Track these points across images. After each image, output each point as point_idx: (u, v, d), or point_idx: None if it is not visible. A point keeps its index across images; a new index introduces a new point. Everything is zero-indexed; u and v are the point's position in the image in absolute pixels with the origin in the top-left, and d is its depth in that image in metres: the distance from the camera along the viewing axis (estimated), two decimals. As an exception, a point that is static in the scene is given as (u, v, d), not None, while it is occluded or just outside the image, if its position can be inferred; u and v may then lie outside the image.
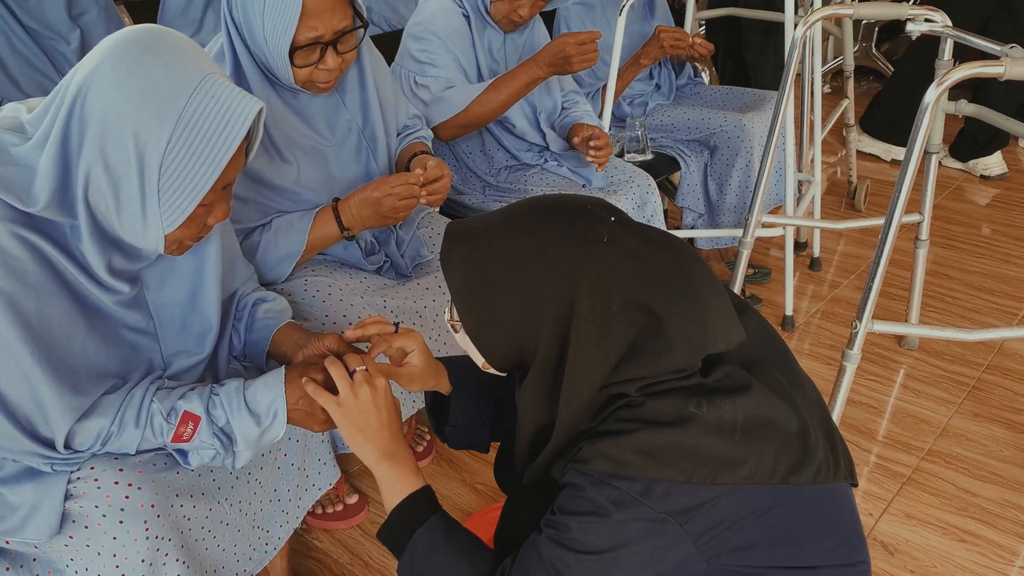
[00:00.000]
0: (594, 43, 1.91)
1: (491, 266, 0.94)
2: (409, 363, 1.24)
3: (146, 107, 1.01)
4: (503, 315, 0.94)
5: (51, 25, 2.05)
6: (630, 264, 0.92)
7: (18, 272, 1.05)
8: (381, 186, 1.54)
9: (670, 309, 0.91)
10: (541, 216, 0.95)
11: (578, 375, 0.92)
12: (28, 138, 1.08)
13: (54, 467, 1.15)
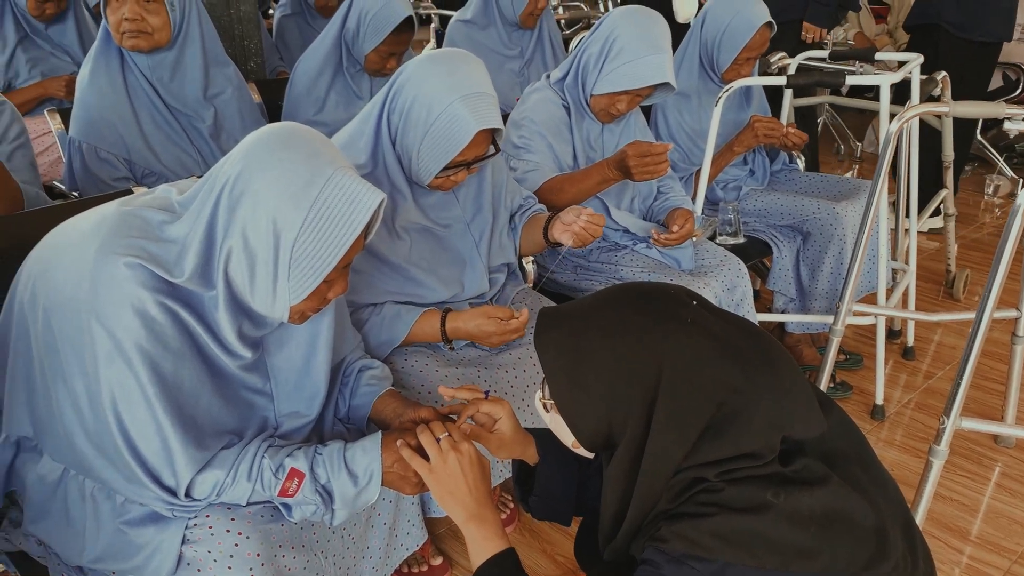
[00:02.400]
0: (661, 155, 1.97)
1: (582, 348, 1.00)
2: (498, 430, 1.32)
3: (284, 195, 1.15)
4: (594, 395, 0.99)
5: (189, 104, 2.26)
6: (713, 345, 0.96)
7: (160, 336, 1.18)
8: (495, 325, 1.66)
9: (750, 391, 0.95)
10: (628, 300, 1.02)
11: (658, 451, 0.96)
12: (178, 217, 1.23)
13: (175, 513, 1.26)
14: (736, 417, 0.95)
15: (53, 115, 2.45)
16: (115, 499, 1.27)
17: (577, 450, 1.09)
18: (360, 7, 2.46)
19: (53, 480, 1.30)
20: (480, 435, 1.32)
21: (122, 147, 2.19)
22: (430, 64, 1.60)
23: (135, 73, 2.18)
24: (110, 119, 2.17)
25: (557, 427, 1.09)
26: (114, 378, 1.17)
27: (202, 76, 2.23)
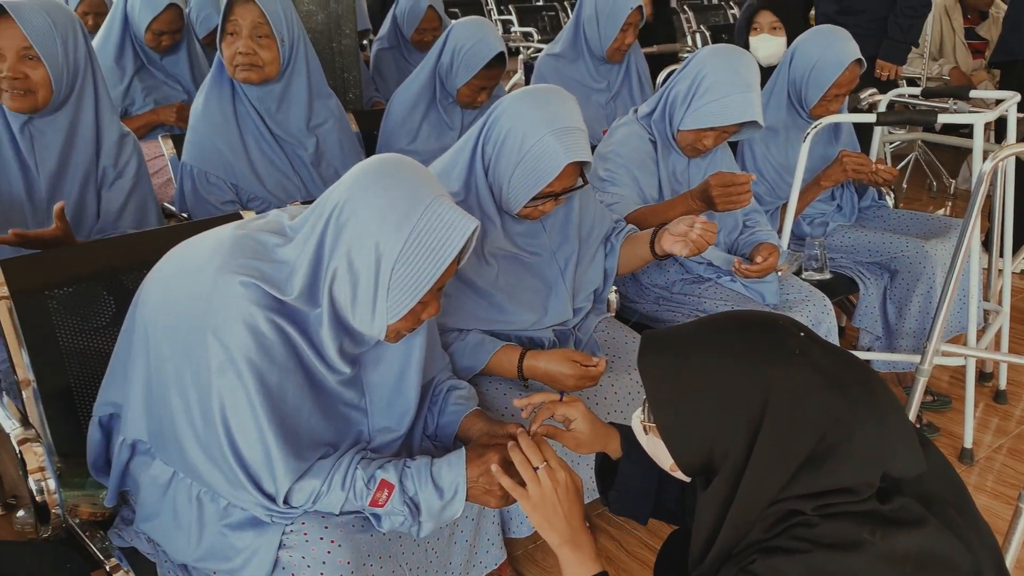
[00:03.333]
0: (744, 185, 1.99)
1: (686, 372, 1.01)
2: (575, 428, 1.37)
3: (387, 221, 1.23)
4: (696, 419, 1.00)
5: (293, 133, 2.39)
6: (818, 377, 0.96)
7: (268, 351, 1.27)
8: (572, 368, 1.66)
9: (852, 424, 0.95)
10: (734, 327, 1.03)
11: (758, 480, 0.96)
12: (289, 240, 1.32)
13: (273, 519, 1.34)
14: (836, 450, 0.95)
15: (166, 140, 2.63)
16: (219, 503, 1.36)
17: (674, 473, 1.10)
18: (454, 43, 2.56)
19: (163, 482, 1.39)
20: (557, 434, 1.38)
21: (230, 172, 2.32)
22: (525, 99, 1.68)
23: (245, 103, 2.31)
24: (220, 146, 2.31)
25: (655, 450, 1.11)
26: (225, 388, 1.26)
27: (306, 107, 2.36)
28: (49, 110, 1.89)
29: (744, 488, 0.97)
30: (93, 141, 1.97)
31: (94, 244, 1.85)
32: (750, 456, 0.97)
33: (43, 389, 1.58)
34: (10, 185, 1.91)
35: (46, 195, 1.94)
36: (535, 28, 6.82)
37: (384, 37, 3.87)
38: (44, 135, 1.91)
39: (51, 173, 1.93)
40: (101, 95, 1.98)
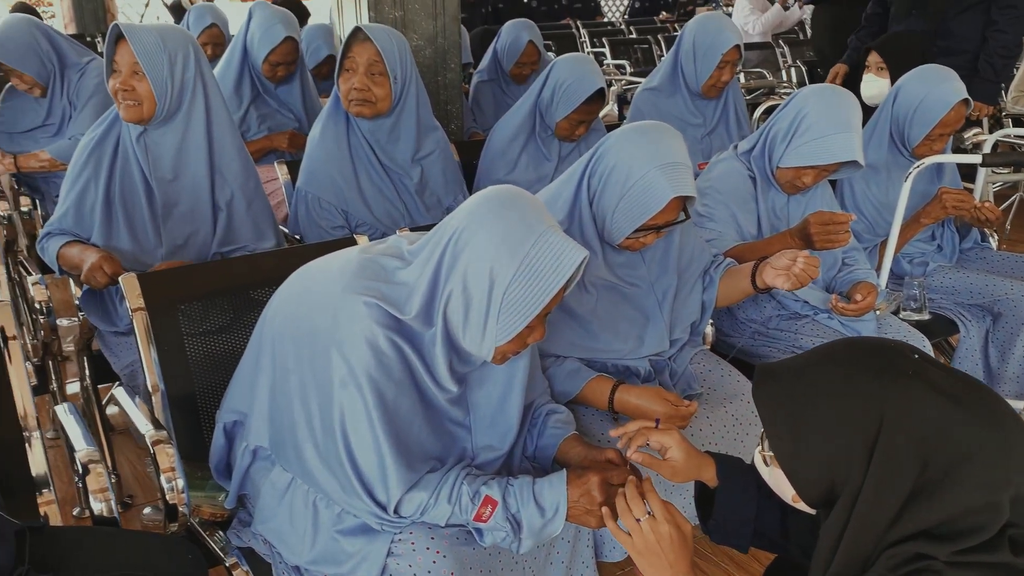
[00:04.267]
0: (843, 225, 1.99)
1: (801, 399, 1.03)
2: (671, 457, 1.40)
3: (501, 248, 1.30)
4: (815, 446, 1.01)
5: (400, 164, 2.50)
6: (934, 394, 0.97)
7: (386, 367, 1.35)
8: (663, 406, 1.68)
9: (971, 440, 0.94)
10: (847, 352, 1.05)
11: (873, 498, 0.96)
12: (408, 263, 1.40)
13: (383, 527, 1.41)
14: (955, 468, 0.94)
15: (281, 166, 2.78)
16: (333, 509, 1.44)
17: (797, 505, 1.11)
18: (556, 78, 2.64)
19: (282, 488, 1.48)
20: (653, 463, 1.41)
21: (341, 199, 2.45)
22: (633, 134, 1.74)
23: (357, 135, 2.44)
24: (333, 174, 2.44)
25: (778, 482, 1.13)
26: (345, 400, 1.34)
27: (414, 140, 2.47)
28: (159, 122, 2.07)
29: (859, 509, 0.97)
30: (205, 155, 2.13)
31: (221, 263, 1.99)
32: (866, 476, 0.97)
33: (170, 394, 1.70)
34: (134, 189, 2.11)
35: (161, 201, 2.12)
36: (628, 61, 6.90)
37: (484, 70, 4.00)
38: (158, 146, 2.10)
39: (165, 181, 2.11)
40: (214, 113, 2.13)
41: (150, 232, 2.11)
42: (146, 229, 2.11)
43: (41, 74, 3.12)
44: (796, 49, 6.53)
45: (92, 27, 8.31)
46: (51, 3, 8.70)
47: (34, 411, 1.57)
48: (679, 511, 1.28)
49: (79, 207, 2.12)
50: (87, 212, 2.11)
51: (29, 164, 3.13)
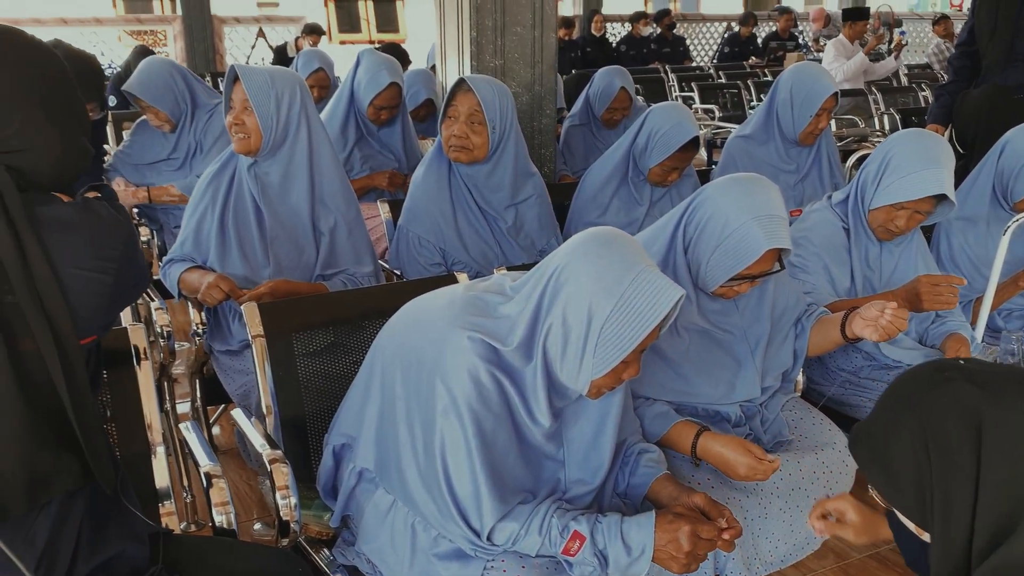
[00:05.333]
0: (951, 287, 2.00)
1: (877, 440, 1.10)
2: (850, 520, 1.44)
3: (600, 284, 1.37)
4: (899, 481, 1.07)
5: (496, 207, 2.60)
6: (969, 385, 1.03)
7: (486, 399, 1.43)
8: (747, 458, 1.68)
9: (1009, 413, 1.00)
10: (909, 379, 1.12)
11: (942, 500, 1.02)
12: (509, 299, 1.49)
13: (476, 553, 1.48)
14: (996, 442, 0.99)
15: (383, 204, 2.92)
16: (431, 532, 1.51)
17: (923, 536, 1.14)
18: (651, 125, 2.72)
19: (384, 509, 1.57)
20: (835, 529, 1.45)
21: (440, 237, 2.56)
22: (731, 185, 1.79)
23: (457, 178, 2.56)
24: (433, 213, 2.56)
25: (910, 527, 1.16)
26: (447, 428, 1.43)
27: (511, 186, 2.58)
28: (266, 154, 2.24)
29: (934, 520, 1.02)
30: (308, 185, 2.29)
31: (332, 296, 2.12)
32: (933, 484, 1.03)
33: (282, 417, 1.81)
34: (246, 215, 2.29)
35: (269, 227, 2.29)
36: (716, 105, 6.94)
37: (576, 114, 4.11)
38: (267, 175, 2.28)
39: (272, 207, 2.28)
40: (316, 146, 2.30)
41: (259, 254, 2.29)
42: (255, 251, 2.28)
43: (175, 112, 3.36)
44: (889, 96, 6.46)
45: (202, 66, 8.81)
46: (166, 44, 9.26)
47: (160, 427, 1.69)
48: None
49: (197, 233, 2.30)
50: (204, 237, 2.30)
51: (161, 197, 3.37)
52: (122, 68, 6.61)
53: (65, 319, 1.19)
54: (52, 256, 1.19)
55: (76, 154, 1.29)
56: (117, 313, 1.37)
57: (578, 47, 10.05)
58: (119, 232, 1.29)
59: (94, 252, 1.25)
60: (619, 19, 11.50)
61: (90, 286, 1.23)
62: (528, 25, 3.08)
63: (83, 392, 1.21)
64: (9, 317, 1.17)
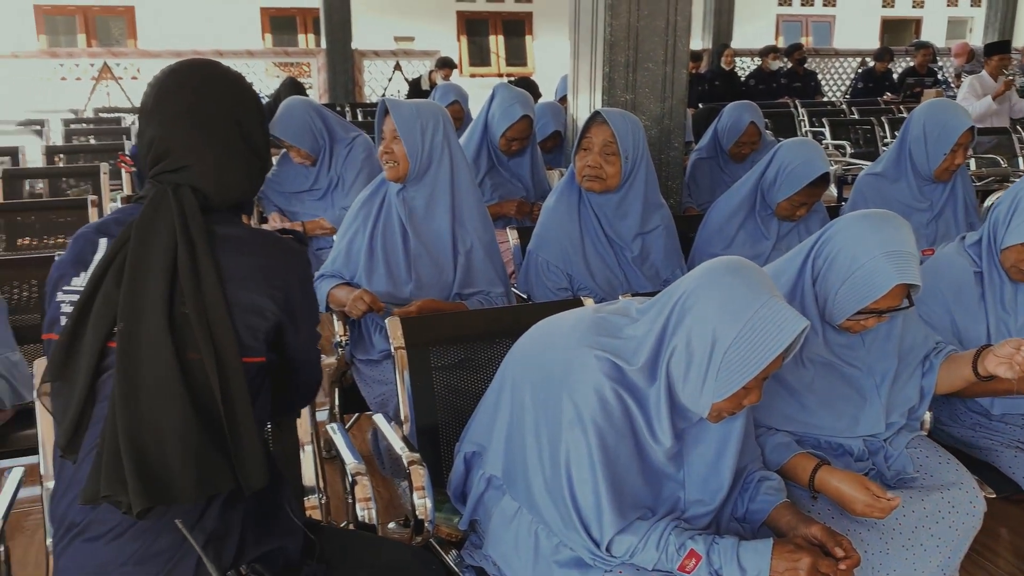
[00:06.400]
0: None
1: None
2: None
3: (726, 310, 1.44)
4: None
5: (623, 236, 2.68)
6: None
7: (610, 416, 1.51)
8: (865, 495, 1.67)
9: None
10: None
11: None
12: (635, 321, 1.57)
13: (595, 562, 1.55)
14: None
15: (512, 231, 3.05)
16: (552, 540, 1.59)
17: None
18: (781, 160, 2.74)
19: (509, 515, 1.66)
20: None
21: (567, 263, 2.66)
22: (862, 221, 1.82)
23: (587, 207, 2.67)
24: (562, 240, 2.67)
25: None
26: (571, 441, 1.51)
27: (639, 216, 2.66)
28: (412, 180, 2.42)
29: None
30: (449, 209, 2.46)
31: (468, 314, 2.26)
32: None
33: (417, 424, 1.94)
34: (393, 236, 2.48)
35: (413, 247, 2.46)
36: (848, 141, 6.80)
37: (703, 148, 4.14)
38: (413, 199, 2.46)
39: (417, 231, 2.45)
40: (457, 173, 2.46)
41: (403, 272, 2.46)
42: (400, 269, 2.46)
43: (314, 148, 3.62)
44: (1035, 135, 6.18)
45: (341, 97, 9.30)
46: (309, 75, 9.82)
47: (309, 428, 1.85)
48: None
49: (348, 251, 2.51)
50: (354, 254, 2.50)
51: (315, 231, 3.63)
52: (272, 98, 7.07)
53: (227, 336, 1.30)
54: (223, 275, 1.32)
55: (253, 178, 1.45)
56: (292, 342, 1.44)
57: (706, 80, 10.04)
58: (295, 263, 1.42)
59: (265, 277, 1.37)
60: (749, 53, 11.43)
61: (255, 308, 1.35)
62: (660, 61, 3.17)
63: (238, 405, 1.29)
64: (182, 327, 1.28)
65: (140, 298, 1.29)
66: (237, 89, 1.43)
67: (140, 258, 1.31)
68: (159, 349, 1.26)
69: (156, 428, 1.25)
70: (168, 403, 1.25)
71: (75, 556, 1.32)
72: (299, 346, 1.46)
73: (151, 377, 1.26)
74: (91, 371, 1.29)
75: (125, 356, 1.27)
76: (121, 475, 1.23)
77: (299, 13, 15.32)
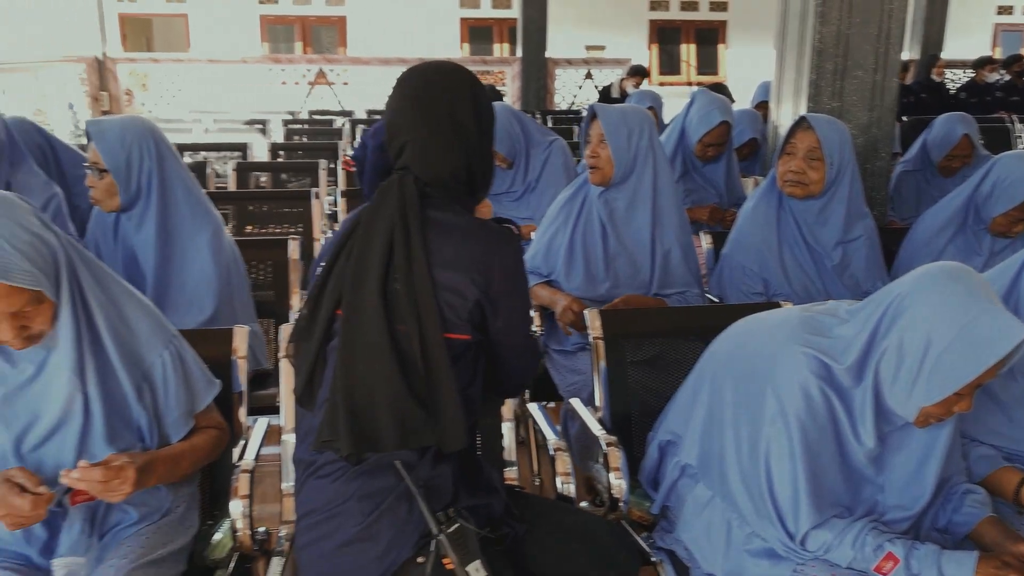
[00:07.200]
0: None
1: None
2: None
3: (942, 315, 1.43)
4: None
5: (824, 244, 2.65)
6: None
7: (814, 412, 1.54)
8: None
9: None
10: None
11: None
12: (845, 321, 1.58)
13: (788, 554, 1.58)
14: None
15: (706, 235, 3.08)
16: (744, 530, 1.64)
17: None
18: (999, 173, 2.63)
19: (702, 503, 1.72)
20: None
21: (764, 268, 2.67)
22: None
23: (787, 213, 2.66)
24: (759, 245, 2.68)
25: None
26: (772, 434, 1.55)
27: (842, 224, 2.62)
28: (616, 183, 2.52)
29: None
30: (650, 211, 2.54)
31: (663, 311, 2.33)
32: None
33: (612, 412, 2.03)
34: (592, 235, 2.58)
35: (612, 247, 2.56)
36: (1072, 160, 6.27)
37: (910, 160, 3.98)
38: (615, 201, 2.56)
39: (617, 231, 2.55)
40: (660, 177, 2.54)
41: (600, 270, 2.57)
42: (598, 267, 2.57)
43: (510, 152, 3.79)
44: None
45: (533, 104, 9.57)
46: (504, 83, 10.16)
47: (513, 407, 1.98)
48: None
49: (548, 249, 2.64)
50: (554, 252, 2.63)
51: (528, 235, 3.81)
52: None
53: (430, 312, 1.45)
54: (432, 257, 1.47)
55: (460, 162, 1.57)
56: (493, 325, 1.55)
57: (912, 92, 9.52)
58: (501, 250, 1.54)
59: (468, 260, 1.50)
60: (961, 65, 10.73)
61: (456, 288, 1.49)
62: (870, 69, 3.10)
63: (439, 373, 1.44)
64: (394, 301, 1.45)
65: (361, 274, 1.47)
66: (455, 83, 1.58)
67: (365, 240, 1.50)
68: (373, 319, 1.44)
69: (368, 387, 1.44)
70: (378, 366, 1.43)
71: (310, 492, 1.54)
72: (500, 330, 1.58)
73: (366, 343, 1.44)
74: (323, 334, 1.51)
75: (347, 323, 1.47)
76: (337, 425, 1.43)
77: (496, 23, 15.87)
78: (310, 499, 1.54)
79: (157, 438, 1.62)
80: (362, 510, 1.47)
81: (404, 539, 1.45)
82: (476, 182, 1.61)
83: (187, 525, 1.68)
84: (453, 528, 1.40)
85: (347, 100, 9.62)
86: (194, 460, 1.67)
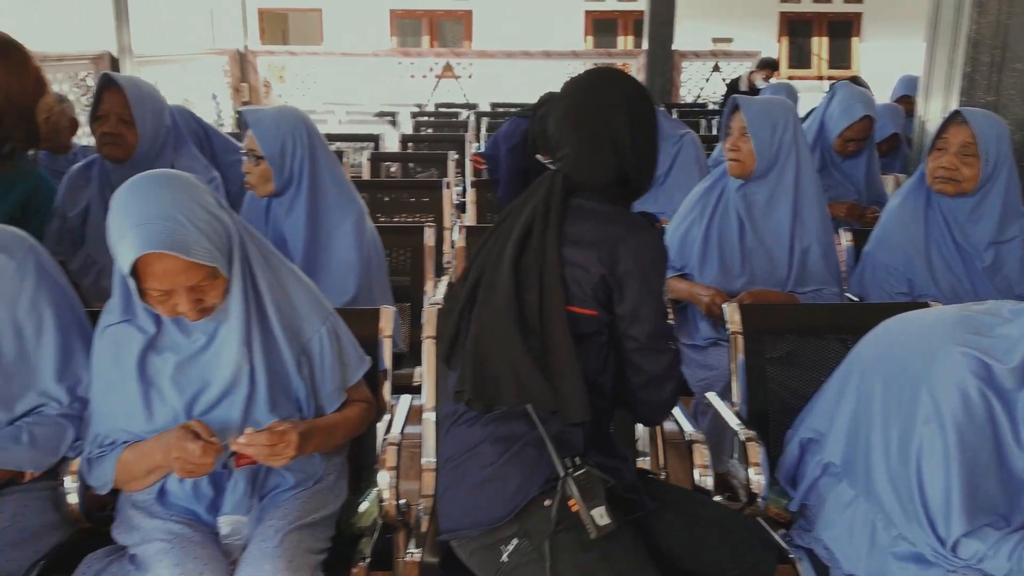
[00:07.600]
0: None
1: None
2: None
3: None
4: None
5: (974, 243, 2.53)
6: None
7: (972, 414, 1.48)
8: None
9: None
10: None
11: None
12: (1009, 321, 1.52)
13: (938, 560, 1.52)
14: None
15: (846, 232, 2.99)
16: (890, 532, 1.59)
17: None
18: None
19: (845, 502, 1.68)
20: None
21: (909, 267, 2.57)
22: None
23: (935, 211, 2.56)
24: (904, 243, 2.58)
25: None
26: (926, 436, 1.50)
27: (996, 223, 2.50)
28: (757, 176, 2.51)
29: None
30: (791, 206, 2.52)
31: (805, 307, 2.30)
32: None
33: (749, 408, 2.01)
34: (729, 229, 2.57)
35: (749, 242, 2.55)
36: None
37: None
38: (754, 195, 2.55)
39: (755, 226, 2.55)
40: (802, 172, 2.51)
41: (736, 265, 2.55)
42: (734, 262, 2.55)
43: None
44: None
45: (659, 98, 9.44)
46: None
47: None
48: None
49: (683, 242, 2.63)
50: (688, 244, 2.62)
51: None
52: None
53: (554, 285, 1.57)
54: (565, 239, 1.59)
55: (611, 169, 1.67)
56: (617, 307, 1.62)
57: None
58: (633, 234, 1.60)
59: (597, 239, 1.59)
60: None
61: (582, 264, 1.58)
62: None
63: (557, 340, 1.55)
64: (525, 274, 1.59)
65: (501, 251, 1.63)
66: (612, 95, 1.68)
67: (511, 223, 1.66)
68: (504, 288, 1.59)
69: (493, 347, 1.59)
70: (504, 330, 1.58)
71: (454, 437, 1.68)
72: (627, 316, 1.62)
73: (494, 308, 1.60)
74: (466, 301, 1.67)
75: (484, 290, 1.64)
76: (466, 378, 1.61)
77: (620, 16, 15.76)
78: (450, 445, 1.68)
79: (314, 409, 1.72)
80: (495, 451, 1.58)
81: (533, 481, 1.53)
82: (630, 183, 1.70)
83: (337, 493, 1.78)
84: (580, 472, 1.48)
85: (471, 93, 9.77)
86: (347, 431, 1.77)
